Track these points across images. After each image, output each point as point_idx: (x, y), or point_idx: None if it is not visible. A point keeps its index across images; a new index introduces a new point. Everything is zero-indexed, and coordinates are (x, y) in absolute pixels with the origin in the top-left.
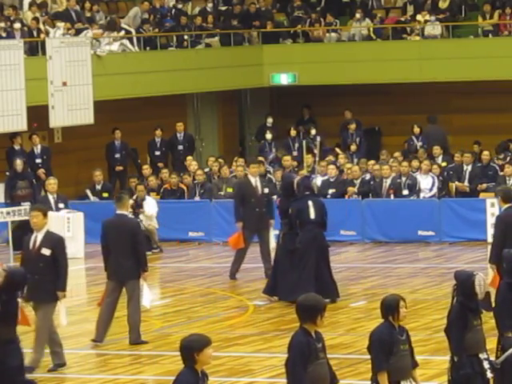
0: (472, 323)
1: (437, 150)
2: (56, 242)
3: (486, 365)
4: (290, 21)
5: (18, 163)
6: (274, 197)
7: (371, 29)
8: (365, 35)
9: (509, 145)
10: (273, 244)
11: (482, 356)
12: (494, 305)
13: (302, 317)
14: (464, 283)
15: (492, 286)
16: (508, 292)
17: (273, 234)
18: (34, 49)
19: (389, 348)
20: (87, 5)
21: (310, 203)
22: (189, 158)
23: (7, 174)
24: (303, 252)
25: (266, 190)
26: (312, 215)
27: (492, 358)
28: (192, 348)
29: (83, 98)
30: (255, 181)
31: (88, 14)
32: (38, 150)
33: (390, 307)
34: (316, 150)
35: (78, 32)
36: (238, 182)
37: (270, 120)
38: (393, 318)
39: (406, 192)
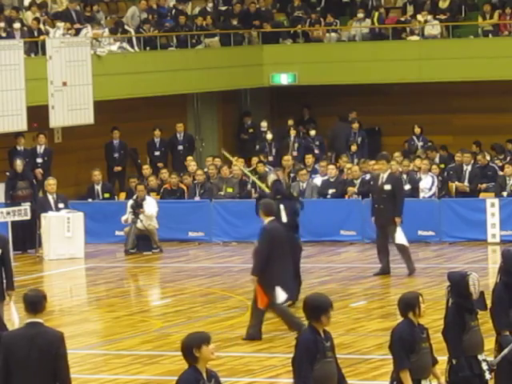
0: (469, 324)
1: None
2: (4, 242)
3: (484, 366)
4: (290, 21)
5: (18, 163)
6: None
7: (376, 24)
8: (365, 35)
9: (504, 146)
10: (400, 241)
11: (481, 357)
12: (488, 305)
13: (308, 315)
14: (458, 284)
15: (260, 304)
16: (504, 291)
17: (399, 231)
18: (34, 49)
19: (410, 346)
20: (87, 5)
21: (282, 207)
22: (189, 158)
23: (7, 174)
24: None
25: (388, 187)
26: (284, 219)
27: (490, 359)
28: (191, 345)
29: (83, 98)
30: (381, 177)
31: (88, 14)
32: (41, 149)
33: (410, 304)
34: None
35: (77, 32)
36: (369, 178)
37: (264, 124)
38: (413, 314)
39: (407, 187)
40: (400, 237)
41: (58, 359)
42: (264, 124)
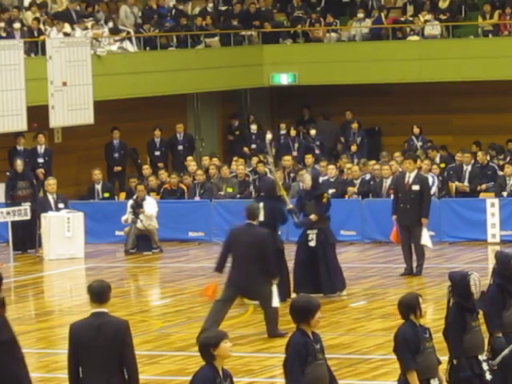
0: (470, 324)
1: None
2: None
3: (485, 366)
4: (290, 21)
5: (19, 163)
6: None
7: (385, 23)
8: (365, 35)
9: (503, 146)
10: (426, 242)
11: (481, 357)
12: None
13: (296, 318)
14: (459, 284)
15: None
16: (498, 292)
17: (425, 232)
18: (34, 49)
19: (415, 346)
20: (88, 6)
21: (261, 205)
22: (189, 158)
23: (7, 174)
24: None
25: (416, 187)
26: (261, 217)
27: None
28: (208, 344)
29: (83, 98)
30: (408, 176)
31: (88, 13)
32: (41, 149)
33: (411, 306)
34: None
35: (73, 29)
36: (395, 176)
37: (253, 127)
38: (414, 316)
39: None
40: (425, 238)
41: (124, 347)
42: (254, 127)
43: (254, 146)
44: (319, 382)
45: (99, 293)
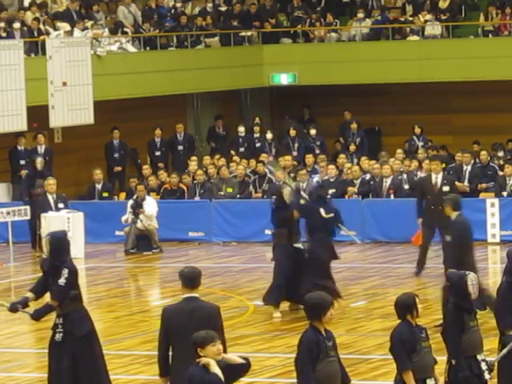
0: (468, 324)
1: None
2: None
3: (483, 366)
4: (290, 21)
5: (40, 161)
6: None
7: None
8: (365, 35)
9: (503, 146)
10: None
11: (480, 357)
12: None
13: (309, 314)
14: (457, 284)
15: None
16: (509, 291)
17: None
18: (34, 49)
19: (411, 346)
20: (87, 5)
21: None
22: (192, 157)
23: (26, 171)
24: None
25: (446, 188)
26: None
27: (489, 359)
28: (195, 343)
29: (83, 98)
30: (435, 178)
31: (85, 13)
32: (41, 149)
33: (408, 306)
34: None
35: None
36: (419, 178)
37: (241, 129)
38: (411, 316)
39: (406, 186)
40: None
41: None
42: (241, 129)
43: (242, 149)
44: (330, 379)
45: (191, 278)
